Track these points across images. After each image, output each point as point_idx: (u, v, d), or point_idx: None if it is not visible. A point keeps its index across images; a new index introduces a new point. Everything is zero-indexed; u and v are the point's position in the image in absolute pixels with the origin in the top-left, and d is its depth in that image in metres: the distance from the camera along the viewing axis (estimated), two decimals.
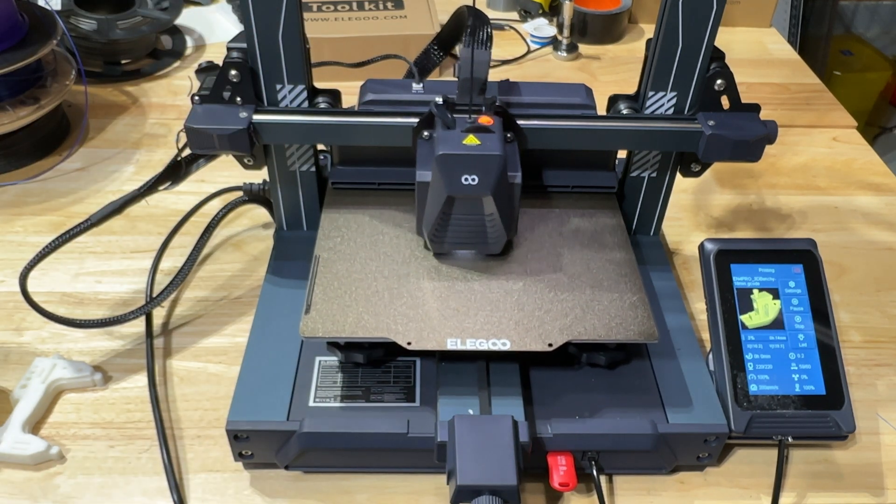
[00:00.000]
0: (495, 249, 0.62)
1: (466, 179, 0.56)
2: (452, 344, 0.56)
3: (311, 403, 0.58)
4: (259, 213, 0.82)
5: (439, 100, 0.60)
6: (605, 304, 0.59)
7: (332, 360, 0.61)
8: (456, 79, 0.60)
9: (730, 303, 0.61)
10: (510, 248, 0.63)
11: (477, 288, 0.60)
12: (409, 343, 0.55)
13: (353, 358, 0.60)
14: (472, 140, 0.57)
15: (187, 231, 0.77)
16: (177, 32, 1.13)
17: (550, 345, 0.56)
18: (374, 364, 0.61)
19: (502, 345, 0.56)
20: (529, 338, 0.56)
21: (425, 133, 0.60)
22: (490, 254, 0.63)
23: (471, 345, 0.56)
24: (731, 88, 0.63)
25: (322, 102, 0.65)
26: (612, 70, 1.13)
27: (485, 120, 0.58)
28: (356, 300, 0.58)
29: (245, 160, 0.67)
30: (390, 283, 0.60)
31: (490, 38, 0.58)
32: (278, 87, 0.63)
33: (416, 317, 0.57)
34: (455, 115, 0.59)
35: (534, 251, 0.64)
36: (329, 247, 0.64)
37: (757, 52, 1.19)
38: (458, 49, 1.05)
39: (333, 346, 0.60)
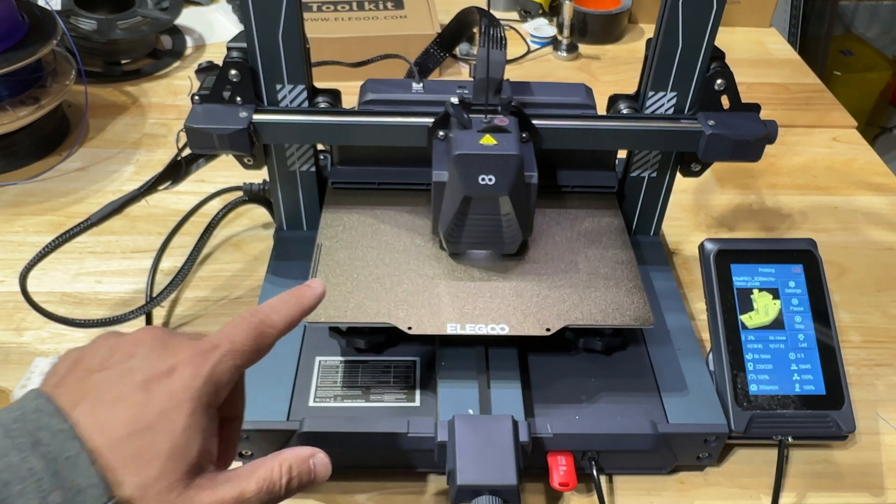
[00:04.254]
0: (511, 249, 0.62)
1: (483, 179, 0.56)
2: (452, 329, 0.56)
3: (311, 403, 0.58)
4: (259, 213, 0.82)
5: (455, 100, 0.60)
6: (601, 291, 0.60)
7: (333, 359, 0.61)
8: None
9: (730, 303, 0.61)
10: (525, 249, 0.64)
11: (476, 275, 0.61)
12: (409, 328, 0.56)
13: (354, 343, 0.61)
14: (488, 140, 0.57)
15: (187, 231, 0.77)
16: (177, 32, 1.13)
17: (548, 329, 0.56)
18: (376, 350, 0.62)
19: (501, 329, 0.56)
20: (528, 323, 0.57)
21: (440, 133, 0.61)
22: (506, 253, 0.63)
23: (470, 329, 0.56)
24: (731, 88, 0.63)
25: (322, 102, 0.65)
26: (612, 70, 1.13)
27: (500, 120, 0.58)
28: (357, 287, 0.59)
29: (245, 160, 0.67)
30: (391, 270, 0.61)
31: (505, 38, 0.58)
32: (278, 86, 0.63)
33: (416, 303, 0.58)
34: (471, 116, 0.59)
35: (533, 245, 0.64)
36: (330, 235, 0.64)
37: (757, 52, 1.19)
38: (458, 49, 1.06)
39: (335, 331, 0.61)
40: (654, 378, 0.61)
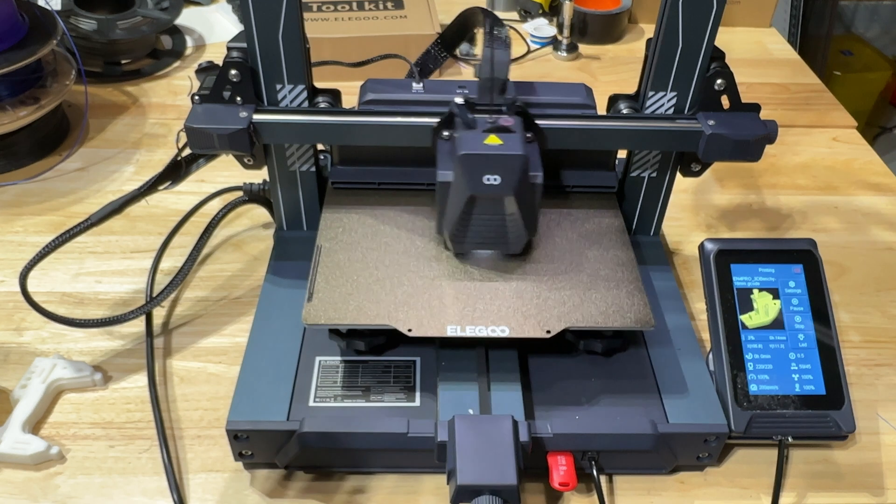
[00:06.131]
0: (515, 249, 0.62)
1: (489, 179, 0.56)
2: (452, 331, 0.56)
3: (311, 403, 0.58)
4: (259, 213, 0.82)
5: (459, 100, 0.60)
6: (602, 293, 0.60)
7: (332, 359, 0.61)
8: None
9: (730, 303, 0.61)
10: (525, 250, 0.64)
11: (476, 277, 0.61)
12: (409, 330, 0.56)
13: (354, 345, 0.61)
14: (493, 140, 0.57)
15: (187, 231, 0.77)
16: (177, 32, 1.13)
17: (548, 331, 0.56)
18: (376, 352, 0.62)
19: (501, 331, 0.56)
20: (528, 325, 0.57)
21: (445, 133, 0.61)
22: (510, 253, 0.63)
23: (470, 331, 0.56)
24: (732, 88, 0.63)
25: (322, 102, 0.65)
26: (612, 70, 1.13)
27: (505, 120, 0.58)
28: (357, 288, 0.59)
29: (245, 160, 0.67)
30: (391, 271, 0.61)
31: (509, 38, 0.59)
32: (278, 86, 0.63)
33: (416, 304, 0.58)
34: (475, 116, 0.59)
35: (533, 246, 0.64)
36: (330, 237, 0.64)
37: (757, 52, 1.19)
38: (458, 50, 1.06)
39: (335, 333, 0.61)
40: (654, 378, 0.61)
